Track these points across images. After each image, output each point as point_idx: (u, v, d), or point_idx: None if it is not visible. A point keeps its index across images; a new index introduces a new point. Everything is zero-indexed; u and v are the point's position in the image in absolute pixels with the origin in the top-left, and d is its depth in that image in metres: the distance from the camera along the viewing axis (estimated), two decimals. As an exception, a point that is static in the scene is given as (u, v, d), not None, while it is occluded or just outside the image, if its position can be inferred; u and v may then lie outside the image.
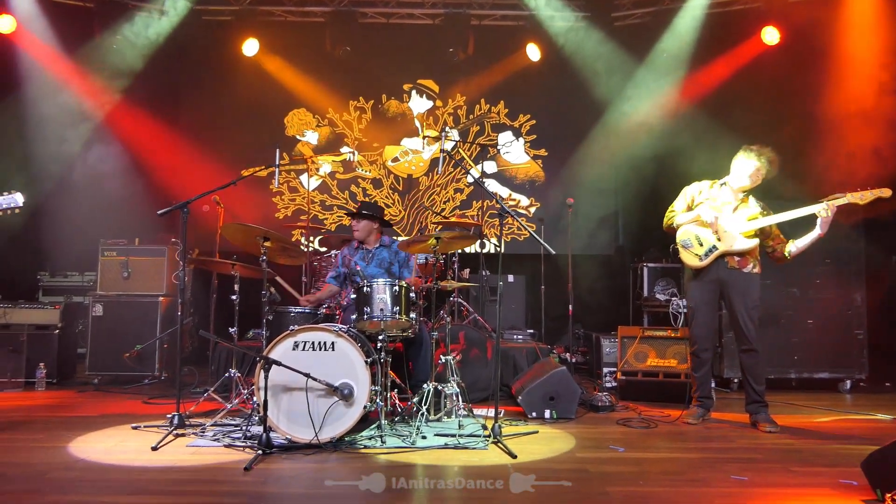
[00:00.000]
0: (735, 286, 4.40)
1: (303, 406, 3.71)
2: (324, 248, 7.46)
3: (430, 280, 4.84)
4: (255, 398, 3.92)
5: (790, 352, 5.80)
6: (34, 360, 5.73)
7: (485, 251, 7.50)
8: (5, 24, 6.84)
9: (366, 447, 3.73)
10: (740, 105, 6.84)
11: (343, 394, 3.73)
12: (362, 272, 4.82)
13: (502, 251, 4.60)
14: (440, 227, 6.79)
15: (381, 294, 4.15)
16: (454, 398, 4.43)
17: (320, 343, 3.82)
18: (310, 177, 6.75)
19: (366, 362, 3.79)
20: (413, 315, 4.27)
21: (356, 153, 8.24)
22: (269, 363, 3.64)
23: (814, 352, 5.79)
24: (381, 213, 5.05)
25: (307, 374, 3.68)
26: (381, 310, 4.12)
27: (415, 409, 4.24)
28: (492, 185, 8.11)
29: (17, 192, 3.75)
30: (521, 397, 4.68)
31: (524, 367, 5.49)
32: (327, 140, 8.28)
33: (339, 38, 7.70)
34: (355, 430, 3.81)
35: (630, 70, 7.56)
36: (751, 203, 4.44)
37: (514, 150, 8.25)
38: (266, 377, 3.62)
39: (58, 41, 7.06)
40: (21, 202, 3.76)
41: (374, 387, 3.84)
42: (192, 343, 6.64)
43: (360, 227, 4.93)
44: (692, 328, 4.58)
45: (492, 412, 3.98)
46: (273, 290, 4.44)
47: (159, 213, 4.23)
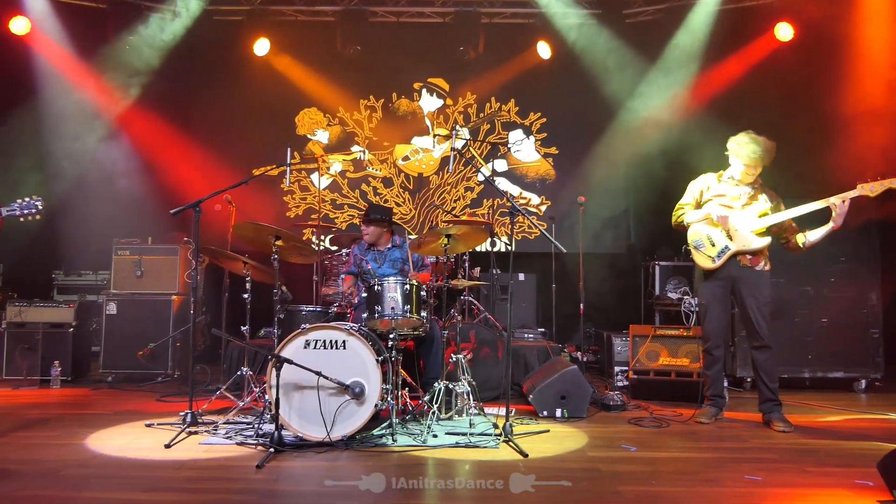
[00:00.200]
0: (746, 284, 4.37)
1: (314, 404, 3.72)
2: (335, 247, 7.48)
3: (440, 279, 4.84)
4: (266, 396, 3.95)
5: (804, 351, 5.75)
6: (49, 357, 5.79)
7: (495, 250, 7.49)
8: (20, 25, 6.92)
9: (377, 445, 3.74)
10: (753, 102, 6.79)
11: (354, 392, 3.74)
12: (374, 273, 4.83)
13: (513, 250, 4.60)
14: (451, 225, 6.78)
15: (392, 292, 4.16)
16: (465, 397, 4.44)
17: (332, 341, 3.83)
18: (320, 176, 6.77)
19: (377, 361, 3.79)
20: (424, 313, 4.28)
21: (367, 152, 8.26)
22: (281, 361, 3.65)
23: (828, 351, 5.73)
24: (389, 216, 5.04)
25: (319, 373, 3.70)
26: (392, 308, 4.12)
27: (426, 407, 4.25)
28: (502, 184, 8.09)
29: (38, 198, 3.69)
30: (532, 396, 4.67)
31: (535, 366, 5.48)
32: (338, 139, 8.30)
33: (350, 37, 7.71)
34: (366, 428, 3.82)
35: (641, 67, 7.51)
36: (761, 197, 4.39)
37: (525, 149, 8.23)
38: (278, 375, 3.63)
39: (72, 42, 7.12)
40: (41, 207, 3.71)
41: (385, 385, 3.84)
42: (204, 341, 6.69)
43: (369, 232, 4.94)
44: (704, 325, 4.55)
45: (503, 411, 3.97)
46: (285, 288, 4.46)
47: (172, 212, 4.26)
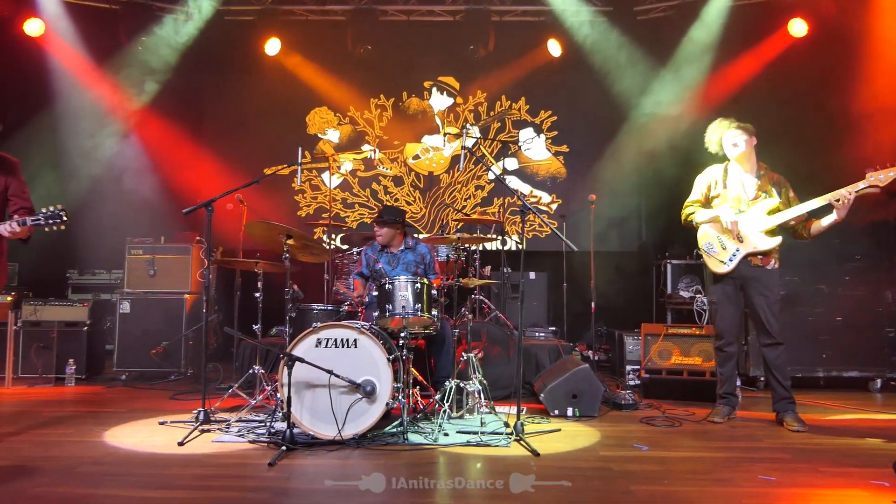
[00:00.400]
0: (757, 283, 4.33)
1: (326, 403, 3.74)
2: (345, 246, 7.50)
3: (451, 277, 4.83)
4: (278, 394, 3.96)
5: (819, 350, 5.69)
6: (64, 356, 5.85)
7: (506, 248, 7.47)
8: (34, 27, 6.99)
9: (388, 444, 3.74)
10: (765, 99, 6.72)
11: (366, 391, 3.75)
12: (387, 274, 4.83)
13: (524, 248, 4.58)
14: (461, 224, 6.78)
15: (403, 291, 4.16)
16: (476, 395, 4.43)
17: (343, 340, 3.84)
18: (331, 175, 6.79)
19: (388, 359, 3.80)
20: (435, 312, 4.27)
21: (377, 151, 8.27)
22: (293, 360, 3.67)
23: (843, 350, 5.68)
24: (403, 218, 5.02)
25: (330, 371, 3.71)
26: (403, 307, 4.12)
27: (437, 406, 4.25)
28: (513, 182, 8.08)
29: (61, 208, 3.58)
30: (543, 395, 4.66)
31: (546, 365, 5.46)
32: (348, 138, 8.32)
33: (360, 37, 7.72)
34: (378, 426, 3.83)
35: (653, 65, 7.46)
36: (769, 188, 4.33)
37: (536, 147, 8.21)
38: (289, 374, 3.65)
39: (85, 44, 7.20)
40: (66, 218, 3.56)
41: (396, 384, 3.85)
42: (216, 340, 6.73)
43: (383, 233, 4.92)
44: (716, 323, 4.53)
45: (514, 410, 3.96)
46: (296, 287, 4.48)
47: (184, 211, 4.28)
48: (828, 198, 4.07)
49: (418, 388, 4.52)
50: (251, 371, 4.75)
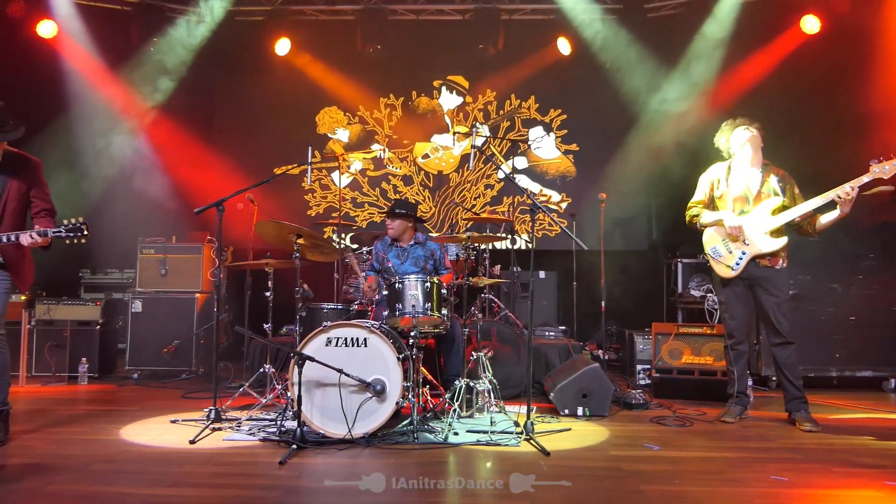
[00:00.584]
0: (765, 283, 4.30)
1: (336, 401, 3.75)
2: (355, 245, 7.51)
3: (461, 276, 4.83)
4: (289, 393, 3.98)
5: (831, 349, 5.64)
6: (77, 354, 5.90)
7: (516, 247, 7.46)
8: (47, 29, 7.05)
9: (398, 443, 3.74)
10: (778, 97, 6.66)
11: (375, 390, 3.76)
12: (396, 270, 4.84)
13: (534, 247, 4.58)
14: (471, 223, 6.78)
15: (413, 290, 4.16)
16: (486, 395, 4.43)
17: (353, 339, 3.86)
18: (341, 174, 6.81)
19: (398, 358, 3.80)
20: (445, 311, 4.27)
21: (387, 150, 8.28)
22: (303, 359, 3.68)
23: (856, 349, 5.62)
24: (415, 212, 5.05)
25: (340, 370, 3.72)
26: (413, 306, 4.13)
27: (447, 405, 4.25)
28: (523, 181, 8.06)
29: (82, 221, 3.62)
30: (553, 394, 4.65)
31: (556, 364, 5.45)
32: (358, 137, 8.34)
33: (370, 36, 7.73)
34: (388, 425, 3.83)
35: (663, 62, 7.43)
36: (771, 184, 4.30)
37: (545, 146, 8.19)
38: (300, 373, 3.66)
39: (97, 45, 7.26)
40: (86, 232, 3.61)
41: (406, 383, 3.85)
42: (227, 339, 6.77)
43: (394, 226, 4.93)
44: (726, 322, 4.50)
45: (523, 409, 3.96)
46: (306, 286, 4.50)
47: (196, 211, 4.31)
48: (830, 195, 4.03)
49: (428, 387, 4.52)
50: (262, 370, 4.78)
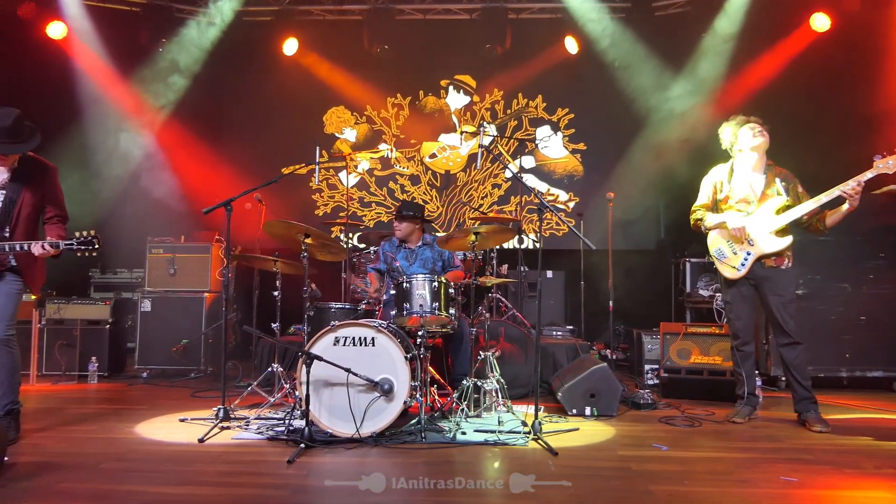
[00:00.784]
0: (771, 283, 4.28)
1: (344, 401, 3.76)
2: (363, 245, 7.52)
3: (468, 276, 4.83)
4: (297, 392, 3.99)
5: (841, 349, 5.60)
6: (87, 353, 5.94)
7: (523, 247, 7.45)
8: (57, 30, 7.10)
9: (406, 442, 3.75)
10: (787, 95, 6.62)
11: (383, 389, 3.76)
12: (404, 271, 4.83)
13: (541, 247, 4.57)
14: (478, 222, 6.77)
15: (421, 290, 4.16)
16: (494, 394, 4.43)
17: (361, 338, 3.86)
18: (348, 174, 6.81)
19: (406, 358, 3.81)
20: (453, 311, 4.27)
21: (394, 150, 8.29)
22: (311, 358, 3.69)
23: (867, 349, 5.58)
24: (422, 213, 5.06)
25: (348, 370, 3.72)
26: (421, 305, 4.13)
27: (454, 404, 4.25)
28: (530, 181, 8.05)
29: (94, 234, 3.60)
30: (560, 394, 4.64)
31: (564, 364, 5.44)
32: (365, 137, 8.35)
33: (377, 36, 7.75)
34: (395, 425, 3.84)
35: (671, 61, 7.40)
36: (776, 186, 4.27)
37: (553, 145, 8.17)
38: (308, 372, 3.67)
39: (106, 46, 7.30)
40: (98, 246, 3.60)
41: (413, 382, 3.85)
42: (235, 338, 6.80)
43: (402, 228, 4.94)
44: (732, 323, 4.48)
45: (531, 409, 3.95)
46: (314, 286, 4.51)
47: (204, 211, 4.33)
48: (834, 192, 4.00)
49: (436, 386, 4.53)
50: (270, 369, 4.79)
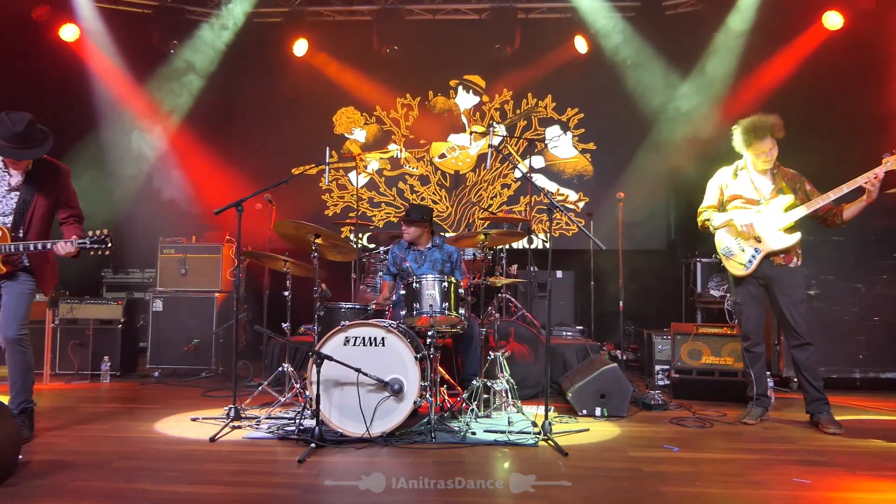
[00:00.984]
0: (779, 282, 4.24)
1: (354, 400, 3.76)
2: (372, 245, 7.54)
3: (478, 276, 4.83)
4: (307, 392, 4.00)
5: (855, 350, 5.55)
6: (99, 353, 5.99)
7: (533, 247, 7.44)
8: (69, 32, 7.16)
9: (416, 442, 3.75)
10: (799, 94, 6.57)
11: (393, 389, 3.77)
12: (413, 272, 4.84)
13: (551, 247, 4.56)
14: (487, 222, 6.77)
15: (431, 290, 4.16)
16: (503, 394, 4.43)
17: (371, 338, 3.87)
18: (358, 174, 6.83)
19: (415, 358, 3.81)
20: (462, 311, 4.27)
21: (403, 150, 8.30)
22: (321, 358, 3.70)
23: (880, 350, 5.53)
24: (430, 216, 5.04)
25: (358, 370, 3.73)
26: (431, 306, 4.13)
27: (464, 405, 4.25)
28: (539, 181, 8.03)
29: (106, 233, 3.59)
30: (570, 394, 4.63)
31: (574, 364, 5.43)
32: (375, 137, 8.36)
33: (386, 36, 7.76)
34: (405, 425, 3.84)
35: (681, 61, 7.36)
36: (783, 183, 4.23)
37: (562, 145, 8.15)
38: (318, 372, 3.69)
39: (119, 48, 7.36)
40: (111, 245, 3.59)
41: (423, 382, 3.86)
42: (246, 338, 6.83)
43: (410, 231, 4.94)
44: (742, 324, 4.46)
45: (541, 409, 3.94)
46: (324, 286, 4.52)
47: (215, 211, 4.36)
48: (859, 181, 3.96)
49: (445, 386, 4.53)
50: (280, 369, 4.80)
